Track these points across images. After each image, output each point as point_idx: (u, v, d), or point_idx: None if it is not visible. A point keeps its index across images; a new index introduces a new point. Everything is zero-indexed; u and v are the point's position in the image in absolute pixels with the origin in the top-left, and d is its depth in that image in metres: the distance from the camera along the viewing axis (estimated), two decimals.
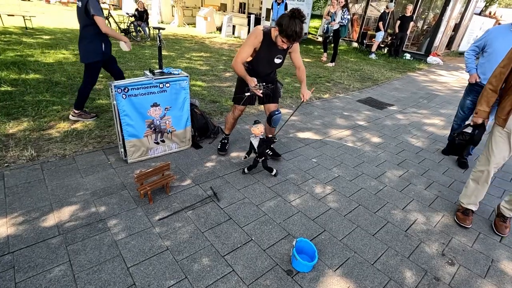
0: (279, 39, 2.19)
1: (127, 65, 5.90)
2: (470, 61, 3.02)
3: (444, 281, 1.79)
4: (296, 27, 2.05)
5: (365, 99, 5.41)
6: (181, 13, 13.08)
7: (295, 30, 2.06)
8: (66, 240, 1.83)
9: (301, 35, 2.12)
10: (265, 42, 2.31)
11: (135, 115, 2.55)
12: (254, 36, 2.31)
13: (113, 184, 2.41)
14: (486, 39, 2.83)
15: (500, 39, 2.69)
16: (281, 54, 2.45)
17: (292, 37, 2.10)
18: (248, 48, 2.33)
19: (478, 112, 2.16)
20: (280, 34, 2.14)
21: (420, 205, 2.51)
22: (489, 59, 2.81)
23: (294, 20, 2.05)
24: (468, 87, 3.18)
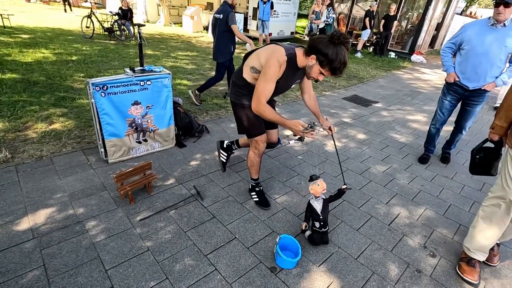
0: (317, 69, 1.69)
1: (110, 64, 5.77)
2: (447, 59, 2.82)
3: (425, 273, 1.81)
4: (345, 57, 1.61)
5: (351, 96, 5.46)
6: (167, 12, 12.90)
7: (344, 61, 1.61)
8: (41, 243, 1.76)
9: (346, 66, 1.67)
10: (288, 70, 1.78)
11: (115, 113, 2.48)
12: (278, 66, 1.72)
13: (93, 185, 2.33)
14: (462, 35, 2.64)
15: (478, 36, 2.53)
16: (300, 78, 1.98)
17: (340, 70, 1.63)
18: (272, 84, 1.76)
19: (495, 127, 1.73)
20: (322, 65, 1.65)
21: (403, 199, 2.54)
22: (467, 57, 2.63)
23: (341, 49, 1.59)
24: (446, 86, 2.94)
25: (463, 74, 2.71)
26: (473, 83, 2.67)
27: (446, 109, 2.98)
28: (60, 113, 3.43)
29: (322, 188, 1.85)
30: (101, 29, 8.77)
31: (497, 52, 2.47)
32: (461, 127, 3.03)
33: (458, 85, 2.78)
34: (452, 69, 2.79)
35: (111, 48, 7.31)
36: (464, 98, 2.85)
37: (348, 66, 1.69)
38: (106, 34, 8.69)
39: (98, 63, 5.76)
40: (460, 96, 2.84)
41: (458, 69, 2.74)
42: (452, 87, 2.85)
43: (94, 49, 6.93)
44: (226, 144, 2.57)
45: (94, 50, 6.82)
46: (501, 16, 2.37)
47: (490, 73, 2.58)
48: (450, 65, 2.81)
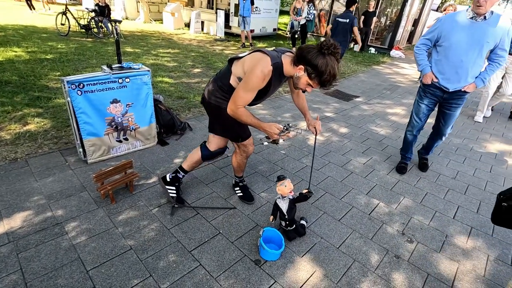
0: (305, 80, 1.60)
1: (88, 62, 5.59)
2: (422, 57, 2.50)
3: (403, 258, 1.89)
4: (335, 69, 1.50)
5: (333, 91, 5.55)
6: (147, 9, 12.61)
7: (334, 73, 1.51)
8: (17, 247, 1.70)
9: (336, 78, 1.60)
10: (274, 79, 1.68)
11: (93, 112, 2.42)
12: (261, 80, 1.61)
13: (72, 186, 2.27)
14: (439, 30, 2.33)
15: (458, 30, 2.23)
16: (287, 80, 1.90)
17: (329, 83, 1.55)
18: (252, 94, 1.68)
19: None
20: (311, 77, 1.56)
21: (382, 189, 2.63)
22: (446, 54, 2.33)
23: (330, 59, 1.49)
24: (422, 88, 2.61)
25: (441, 74, 2.41)
26: (453, 84, 2.39)
27: (423, 114, 2.68)
28: (35, 114, 3.30)
29: (289, 189, 1.82)
30: (77, 27, 8.46)
31: (478, 49, 2.22)
32: (440, 132, 2.72)
33: (437, 87, 2.48)
34: (428, 69, 2.48)
35: (89, 46, 7.08)
36: (442, 101, 2.56)
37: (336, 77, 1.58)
38: (83, 32, 8.40)
39: (75, 61, 5.57)
40: (438, 99, 2.55)
41: (436, 69, 2.44)
42: (429, 89, 2.54)
43: (71, 47, 6.69)
44: (169, 177, 2.20)
45: (70, 48, 6.58)
46: (481, 9, 2.11)
47: (471, 72, 2.33)
48: (426, 64, 2.49)
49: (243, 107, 1.71)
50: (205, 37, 10.34)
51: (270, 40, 10.93)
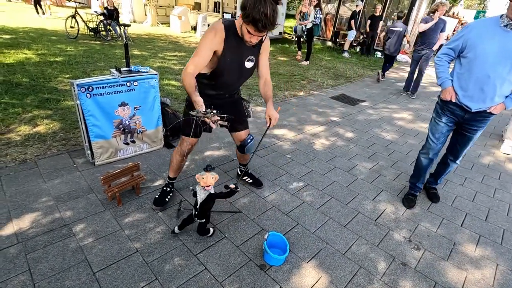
0: (244, 28, 1.52)
1: (96, 65, 5.67)
2: (442, 69, 2.14)
3: (410, 265, 1.87)
4: (266, 7, 1.39)
5: (338, 95, 5.54)
6: (154, 12, 12.75)
7: (265, 12, 1.39)
8: (26, 248, 1.73)
9: (273, 19, 1.45)
10: (229, 40, 1.63)
11: (101, 115, 2.45)
12: (213, 33, 1.59)
13: (79, 187, 2.30)
14: (465, 38, 1.97)
15: (487, 39, 1.87)
16: (253, 55, 1.80)
17: (262, 23, 1.42)
18: (205, 50, 1.62)
19: None
20: (245, 20, 1.47)
21: (389, 195, 2.61)
22: (470, 68, 1.96)
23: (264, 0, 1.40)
24: (440, 105, 2.24)
25: (464, 90, 2.05)
26: (477, 103, 2.02)
27: (441, 134, 2.28)
28: (45, 115, 3.35)
29: (205, 183, 1.67)
30: (86, 29, 8.59)
31: (510, 63, 1.84)
32: (455, 155, 2.37)
33: (457, 105, 2.12)
34: (449, 83, 2.11)
35: (97, 48, 7.18)
36: (462, 122, 2.17)
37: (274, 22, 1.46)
38: (92, 35, 8.53)
39: (83, 64, 5.65)
40: (458, 118, 2.17)
41: (457, 84, 2.08)
42: (448, 106, 2.17)
43: (79, 49, 6.79)
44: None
45: (79, 50, 6.68)
46: None
47: (500, 91, 1.95)
48: (447, 77, 2.13)
49: (191, 72, 1.63)
50: None
51: (276, 44, 10.95)
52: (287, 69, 7.09)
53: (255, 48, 1.76)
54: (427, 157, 2.42)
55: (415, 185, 2.56)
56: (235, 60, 1.74)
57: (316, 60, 8.69)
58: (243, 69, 1.82)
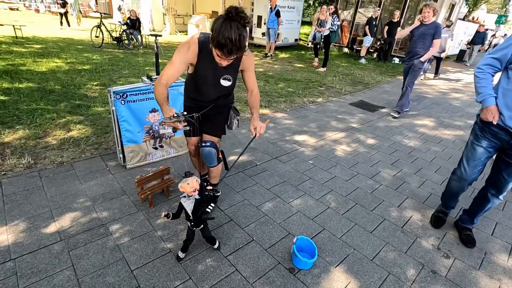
0: (213, 51, 1.54)
1: (120, 72, 5.91)
2: (484, 83, 1.79)
3: (440, 273, 1.86)
4: (231, 32, 1.39)
5: (357, 102, 5.53)
6: (173, 21, 13.16)
7: (229, 36, 1.40)
8: (68, 245, 1.84)
9: (240, 44, 1.44)
10: (204, 55, 1.66)
11: (133, 120, 2.58)
12: (186, 47, 1.63)
13: (113, 189, 2.41)
14: None
15: None
16: (230, 75, 1.79)
17: (227, 48, 1.43)
18: (178, 63, 1.63)
19: None
20: (212, 44, 1.50)
21: (414, 202, 2.59)
22: None
23: (229, 23, 1.40)
24: (480, 126, 1.90)
25: (511, 110, 1.70)
26: None
27: (479, 161, 1.94)
28: (77, 121, 3.54)
29: (192, 188, 1.58)
30: (109, 38, 8.98)
31: None
32: (497, 189, 1.96)
33: (501, 127, 1.77)
34: (492, 101, 1.76)
35: (120, 57, 7.49)
36: (507, 148, 1.81)
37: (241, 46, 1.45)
38: (115, 43, 8.90)
39: (109, 71, 5.91)
40: (502, 143, 1.82)
41: (503, 102, 1.73)
42: (490, 129, 1.83)
43: (104, 58, 7.11)
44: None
45: (104, 59, 6.99)
46: None
47: None
48: (490, 93, 1.77)
49: (163, 83, 1.61)
50: None
51: (292, 50, 11.05)
52: (304, 76, 7.14)
53: (232, 68, 1.75)
54: (459, 184, 2.09)
55: (447, 205, 2.27)
56: (210, 76, 1.75)
57: (333, 66, 8.70)
58: (219, 85, 1.82)
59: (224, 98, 1.97)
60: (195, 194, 1.62)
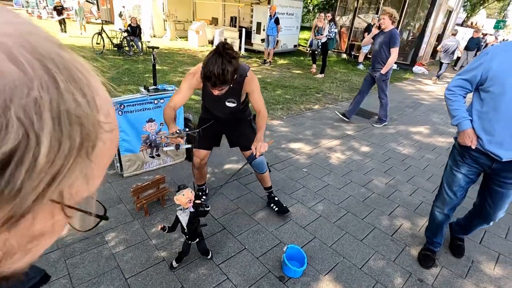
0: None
1: (121, 80, 6.01)
2: (457, 105, 1.71)
3: (427, 282, 1.90)
4: (214, 67, 1.53)
5: None
6: (173, 27, 13.32)
7: (212, 70, 1.53)
8: (65, 254, 1.89)
9: (223, 78, 1.56)
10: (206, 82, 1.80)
11: (130, 130, 2.64)
12: (192, 75, 1.82)
13: (110, 198, 2.47)
14: (485, 67, 1.55)
15: None
16: (233, 98, 1.90)
17: (210, 80, 1.58)
18: (185, 90, 1.83)
19: None
20: (201, 75, 1.65)
21: (405, 210, 2.64)
22: (496, 105, 1.54)
23: (215, 58, 1.55)
24: (458, 150, 1.79)
25: (489, 134, 1.60)
26: (508, 151, 1.57)
27: (460, 187, 1.83)
28: None
29: (187, 199, 1.63)
30: (110, 45, 9.11)
31: None
32: (486, 215, 1.86)
33: (481, 152, 1.66)
34: (468, 124, 1.67)
35: (121, 63, 7.59)
36: (491, 173, 1.71)
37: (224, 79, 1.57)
38: (115, 50, 9.03)
39: (109, 79, 5.97)
40: (484, 168, 1.71)
41: (479, 125, 1.64)
42: (470, 153, 1.72)
43: (105, 65, 7.19)
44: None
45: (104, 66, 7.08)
46: None
47: None
48: (464, 116, 1.68)
49: (171, 106, 1.82)
50: None
51: (291, 56, 11.16)
52: (302, 82, 7.22)
53: (234, 92, 1.86)
54: (442, 212, 1.96)
55: (433, 241, 2.08)
56: (214, 98, 1.85)
57: (331, 72, 8.79)
58: (226, 107, 1.95)
59: (240, 113, 2.10)
60: (190, 206, 1.67)
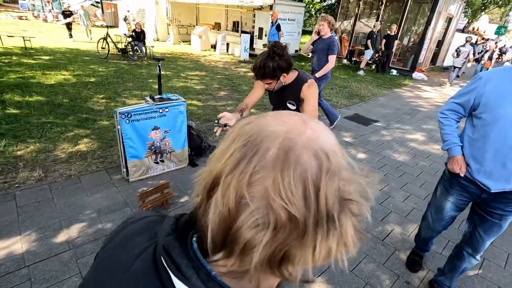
0: None
1: (125, 85, 6.17)
2: (449, 130, 1.66)
3: (413, 284, 2.03)
4: (258, 60, 1.75)
5: (352, 115, 5.73)
6: (176, 31, 13.54)
7: (257, 63, 1.75)
8: (76, 254, 2.04)
9: (263, 71, 1.74)
10: None
11: (136, 138, 2.79)
12: None
13: (116, 202, 2.62)
14: (478, 93, 1.48)
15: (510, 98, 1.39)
16: (293, 100, 2.01)
17: (255, 71, 1.80)
18: (256, 89, 2.03)
19: None
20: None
21: (397, 216, 2.76)
22: (486, 134, 1.47)
23: (262, 54, 1.78)
24: (448, 177, 1.76)
25: (478, 163, 1.54)
26: (497, 182, 1.49)
27: (448, 215, 1.81)
28: (84, 134, 3.77)
29: None
30: (115, 49, 9.31)
31: None
32: (474, 248, 1.73)
33: (470, 180, 1.61)
34: (459, 150, 1.61)
35: (125, 68, 7.77)
36: (480, 202, 1.63)
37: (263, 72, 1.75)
38: (120, 54, 9.22)
39: (114, 84, 6.17)
40: (473, 197, 1.66)
41: (470, 152, 1.58)
42: (459, 182, 1.67)
43: (110, 69, 7.39)
44: None
45: (109, 71, 7.27)
46: None
47: None
48: (455, 142, 1.63)
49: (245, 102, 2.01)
50: (230, 59, 10.92)
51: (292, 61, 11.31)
52: None
53: (294, 94, 1.99)
54: (429, 232, 1.99)
55: (420, 247, 2.13)
56: (276, 98, 2.09)
57: (331, 78, 8.90)
58: (286, 108, 2.07)
59: None
60: None
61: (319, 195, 0.31)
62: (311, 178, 0.31)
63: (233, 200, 0.32)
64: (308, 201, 0.31)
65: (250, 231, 0.31)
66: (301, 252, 0.33)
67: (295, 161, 0.31)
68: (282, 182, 0.30)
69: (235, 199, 0.31)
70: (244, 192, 0.31)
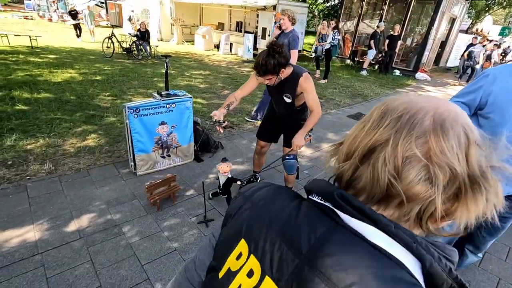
0: None
1: (130, 83, 6.26)
2: None
3: None
4: (260, 57, 1.89)
5: (355, 114, 5.78)
6: (180, 31, 13.64)
7: (257, 60, 1.90)
8: (87, 242, 2.10)
9: (264, 68, 1.89)
10: None
11: (144, 132, 2.86)
12: None
13: (124, 194, 2.69)
14: (485, 91, 1.40)
15: None
16: (289, 93, 2.15)
17: (256, 69, 1.95)
18: (250, 82, 2.20)
19: None
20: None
21: None
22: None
23: (263, 52, 1.92)
24: None
25: None
26: (507, 186, 1.41)
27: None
28: (91, 130, 3.85)
29: (223, 171, 2.37)
30: (119, 48, 9.41)
31: None
32: (475, 245, 1.78)
33: None
34: None
35: (130, 67, 7.87)
36: None
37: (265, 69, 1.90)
38: (124, 53, 9.33)
39: (119, 82, 6.26)
40: None
41: None
42: None
43: (115, 68, 7.49)
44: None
45: (115, 69, 7.37)
46: None
47: None
48: None
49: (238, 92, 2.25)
50: (233, 58, 11.00)
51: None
52: None
53: (290, 87, 2.13)
54: None
55: None
56: (274, 91, 2.22)
57: (334, 78, 8.98)
58: (282, 101, 2.24)
59: (296, 115, 2.35)
60: (226, 174, 2.39)
61: (469, 159, 0.38)
62: (464, 144, 0.38)
63: (400, 160, 0.38)
64: (461, 162, 0.37)
65: (416, 186, 0.37)
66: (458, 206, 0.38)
67: (451, 129, 0.38)
68: (445, 144, 0.37)
69: (401, 158, 0.37)
70: (411, 152, 0.37)
